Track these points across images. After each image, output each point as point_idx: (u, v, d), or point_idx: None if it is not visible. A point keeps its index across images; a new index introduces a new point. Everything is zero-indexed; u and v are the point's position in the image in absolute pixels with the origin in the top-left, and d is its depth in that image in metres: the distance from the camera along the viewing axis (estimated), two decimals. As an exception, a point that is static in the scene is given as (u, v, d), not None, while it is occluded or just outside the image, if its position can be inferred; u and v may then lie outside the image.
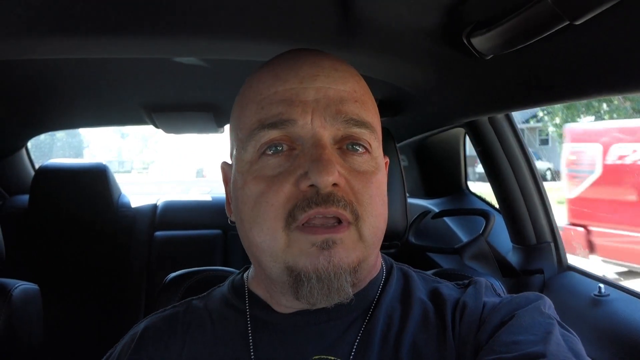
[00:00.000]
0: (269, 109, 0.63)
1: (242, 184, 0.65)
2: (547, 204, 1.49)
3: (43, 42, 1.07)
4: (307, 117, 0.62)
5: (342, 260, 0.60)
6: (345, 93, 0.65)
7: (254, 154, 0.64)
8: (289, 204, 0.61)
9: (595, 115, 6.55)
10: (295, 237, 0.60)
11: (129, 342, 0.73)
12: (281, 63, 0.67)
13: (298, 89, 0.63)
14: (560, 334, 0.59)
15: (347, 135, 0.64)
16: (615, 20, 0.69)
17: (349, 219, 0.61)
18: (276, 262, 0.62)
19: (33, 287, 1.48)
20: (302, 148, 0.62)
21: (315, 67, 0.65)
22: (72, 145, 14.28)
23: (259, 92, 0.66)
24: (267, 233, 0.61)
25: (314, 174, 0.59)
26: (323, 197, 0.59)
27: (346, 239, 0.61)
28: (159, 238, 2.42)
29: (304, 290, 0.60)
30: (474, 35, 0.89)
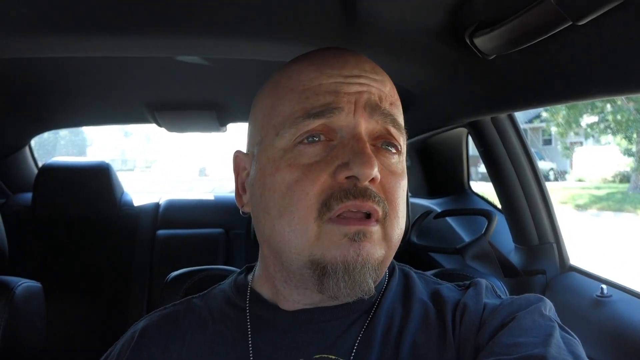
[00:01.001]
0: (315, 99, 0.63)
1: (272, 171, 0.64)
2: (549, 205, 1.49)
3: (47, 41, 1.07)
4: (351, 107, 0.63)
5: (370, 254, 0.60)
6: (384, 94, 0.66)
7: (290, 142, 0.63)
8: (324, 194, 0.60)
9: (599, 116, 6.54)
10: (328, 228, 0.60)
11: (129, 340, 0.73)
12: (324, 59, 0.68)
13: (343, 84, 0.64)
14: (560, 336, 0.59)
15: (383, 133, 0.65)
16: (618, 21, 0.69)
17: (380, 215, 0.61)
18: (300, 254, 0.61)
19: (36, 285, 1.48)
20: (341, 139, 0.63)
21: (358, 68, 0.66)
22: (75, 143, 14.32)
23: (301, 83, 0.65)
24: (299, 222, 0.61)
25: (356, 165, 0.59)
26: (360, 190, 0.60)
27: (375, 234, 0.61)
28: (161, 236, 2.42)
29: (330, 282, 0.60)
30: (477, 35, 0.89)
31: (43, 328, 1.54)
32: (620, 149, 7.22)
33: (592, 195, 7.89)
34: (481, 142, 1.52)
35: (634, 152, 7.04)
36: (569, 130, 7.09)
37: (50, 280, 1.81)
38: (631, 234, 6.01)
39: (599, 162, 8.65)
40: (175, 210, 2.56)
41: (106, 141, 18.45)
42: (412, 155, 2.20)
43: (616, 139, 6.80)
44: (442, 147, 2.12)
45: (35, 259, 2.25)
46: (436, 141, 2.06)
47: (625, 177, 8.02)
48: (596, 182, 8.71)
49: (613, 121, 6.26)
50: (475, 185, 2.20)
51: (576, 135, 7.92)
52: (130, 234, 2.42)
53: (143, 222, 2.48)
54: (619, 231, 6.23)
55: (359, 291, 0.60)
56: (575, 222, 6.57)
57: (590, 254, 4.04)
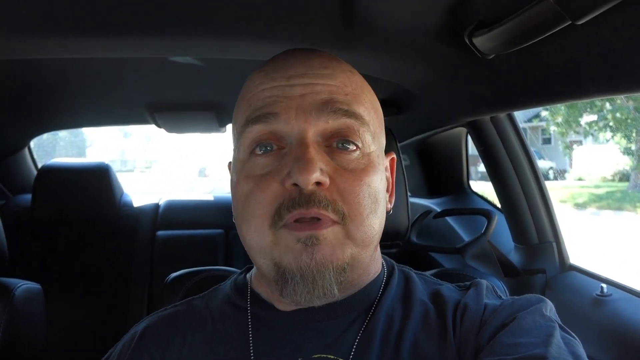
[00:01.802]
0: (254, 105, 0.64)
1: (235, 183, 0.66)
2: (549, 204, 1.49)
3: (46, 42, 1.07)
4: (291, 112, 0.62)
5: (326, 258, 0.60)
6: (334, 87, 0.65)
7: (245, 153, 0.65)
8: (276, 202, 0.61)
9: (598, 115, 6.53)
10: (282, 234, 0.61)
11: (129, 341, 0.73)
12: (273, 63, 0.68)
13: (284, 87, 0.64)
14: (561, 336, 0.59)
15: (336, 129, 0.63)
16: (617, 20, 0.69)
17: (332, 218, 0.60)
18: (265, 258, 0.63)
19: (35, 287, 1.48)
20: (290, 147, 0.63)
21: (304, 66, 0.65)
22: (74, 144, 14.33)
23: (249, 90, 0.67)
24: (255, 230, 0.62)
25: (295, 172, 0.59)
26: (305, 197, 0.59)
27: (330, 235, 0.60)
28: (161, 237, 2.42)
29: (288, 288, 0.60)
30: (476, 35, 0.89)
31: (43, 329, 1.54)
32: (620, 148, 7.22)
33: (591, 194, 7.90)
34: (480, 142, 1.52)
35: (633, 151, 7.04)
36: (569, 129, 7.09)
37: (50, 282, 1.80)
38: (631, 232, 6.02)
39: (599, 161, 8.65)
40: (175, 211, 2.56)
41: (106, 142, 18.45)
42: (411, 155, 2.20)
43: (615, 138, 6.80)
44: (442, 147, 2.12)
45: (35, 260, 2.25)
46: (435, 141, 2.06)
47: (625, 176, 8.03)
48: (595, 181, 8.71)
49: (612, 120, 6.26)
50: (474, 184, 2.20)
51: (576, 134, 7.91)
52: (130, 234, 2.42)
53: (143, 223, 2.47)
54: (619, 230, 6.23)
55: (321, 295, 0.60)
56: (575, 221, 6.57)
57: (590, 252, 4.04)
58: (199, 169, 16.44)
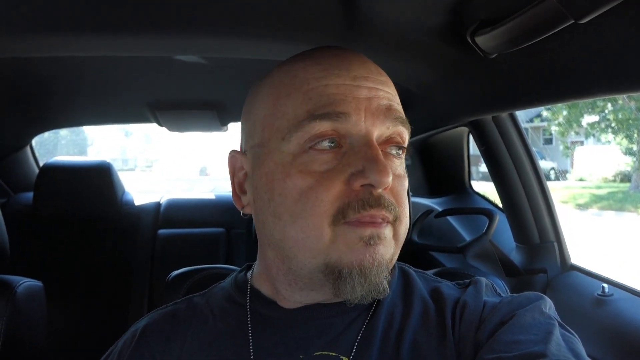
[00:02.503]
0: (319, 100, 0.61)
1: (282, 177, 0.63)
2: (550, 204, 1.49)
3: (47, 40, 1.07)
4: (361, 114, 0.62)
5: (383, 256, 0.61)
6: (391, 95, 0.66)
7: (299, 147, 0.62)
8: (339, 201, 0.60)
9: (600, 115, 6.52)
10: (342, 231, 0.60)
11: (130, 339, 0.73)
12: (329, 58, 0.66)
13: (351, 86, 0.63)
14: (560, 334, 0.59)
15: (392, 135, 0.65)
16: (620, 20, 0.69)
17: (391, 219, 0.62)
18: (315, 258, 0.61)
19: (37, 284, 1.49)
20: (352, 146, 0.62)
21: (365, 69, 0.66)
22: (76, 143, 14.34)
23: (306, 82, 0.63)
24: (313, 228, 0.60)
25: (373, 173, 0.59)
26: (376, 198, 0.60)
27: (387, 234, 0.62)
28: (162, 236, 2.42)
29: (347, 286, 0.60)
30: (479, 34, 0.89)
31: (44, 327, 1.54)
32: (622, 149, 7.21)
33: (593, 195, 7.89)
34: (482, 141, 1.52)
35: (635, 152, 7.03)
36: (570, 129, 7.08)
37: (51, 280, 1.81)
38: (633, 233, 6.01)
39: (600, 161, 8.64)
40: (176, 209, 2.56)
41: (107, 141, 18.47)
42: (413, 155, 2.20)
43: (617, 138, 6.79)
44: (443, 146, 2.11)
45: (37, 258, 2.25)
46: (437, 140, 2.06)
47: (626, 177, 8.01)
48: (597, 181, 8.71)
49: (614, 120, 6.25)
50: (476, 184, 2.20)
51: (577, 135, 7.90)
52: (131, 233, 2.43)
53: (144, 222, 2.48)
54: (620, 231, 6.22)
55: (374, 292, 0.61)
56: (577, 222, 6.57)
57: (592, 253, 4.03)
58: (200, 168, 16.44)
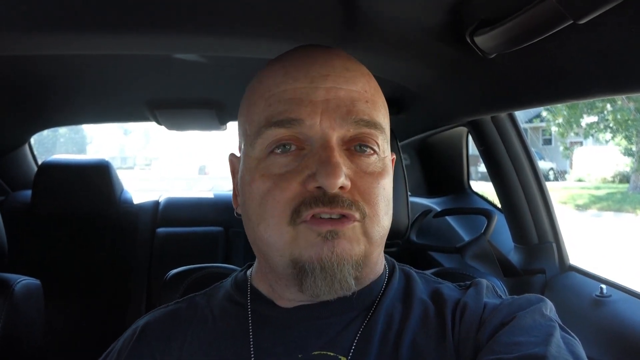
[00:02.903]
0: (276, 107, 0.63)
1: (249, 181, 0.65)
2: (549, 204, 1.49)
3: (46, 38, 1.07)
4: (316, 118, 0.62)
5: (345, 251, 0.61)
6: (356, 93, 0.65)
7: (262, 152, 0.64)
8: (295, 201, 0.61)
9: (599, 116, 6.53)
10: (302, 229, 0.61)
11: (130, 337, 0.73)
12: (292, 60, 0.67)
13: (308, 89, 0.63)
14: (561, 336, 0.59)
15: (356, 135, 0.64)
16: (619, 20, 0.69)
17: (356, 217, 0.62)
18: (282, 255, 0.63)
19: (35, 282, 1.48)
20: (311, 148, 0.63)
21: (326, 67, 0.65)
22: (75, 141, 14.34)
23: (268, 88, 0.65)
24: (274, 228, 0.62)
25: (321, 176, 0.59)
26: (329, 198, 0.60)
27: (349, 232, 0.62)
28: (160, 234, 2.42)
29: (308, 281, 0.61)
30: (478, 34, 0.89)
31: (42, 325, 1.54)
32: (620, 149, 7.22)
33: (591, 195, 7.90)
34: (481, 142, 1.52)
35: (633, 152, 7.04)
36: (569, 130, 7.09)
37: (49, 278, 1.81)
38: (631, 234, 6.02)
39: (599, 162, 8.65)
40: (175, 208, 2.56)
41: (106, 139, 18.46)
42: (412, 154, 2.20)
43: (616, 139, 6.80)
44: (442, 146, 2.12)
45: (35, 256, 2.25)
46: (436, 140, 2.06)
47: (625, 177, 8.03)
48: (596, 182, 8.72)
49: (613, 121, 6.26)
50: (475, 184, 2.20)
51: (576, 135, 7.91)
52: (130, 231, 2.42)
53: (143, 220, 2.48)
54: (619, 231, 6.23)
55: (338, 289, 0.61)
56: (576, 222, 6.58)
57: (590, 254, 4.04)
58: (199, 167, 16.43)
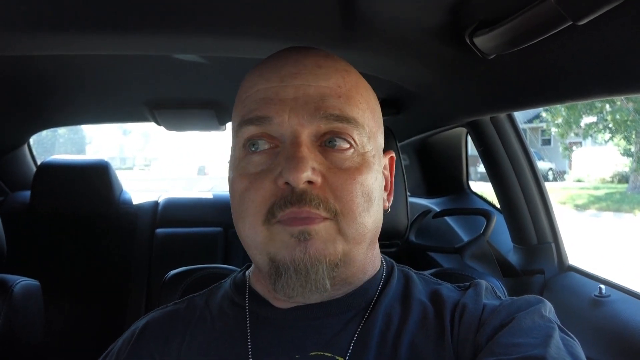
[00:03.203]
0: (249, 107, 0.65)
1: (231, 180, 0.68)
2: (548, 204, 1.49)
3: (46, 39, 1.07)
4: (284, 115, 0.63)
5: (319, 252, 0.61)
6: (327, 89, 0.65)
7: (241, 151, 0.66)
8: (269, 200, 0.62)
9: (598, 116, 6.54)
10: (276, 229, 0.62)
11: (129, 337, 0.73)
12: (267, 62, 0.69)
13: (278, 88, 0.64)
14: (560, 338, 0.59)
15: (328, 130, 0.64)
16: (618, 21, 0.69)
17: (323, 216, 0.61)
18: (261, 254, 0.64)
19: (34, 283, 1.48)
20: (283, 146, 0.63)
21: (297, 66, 0.66)
22: (74, 141, 14.33)
23: (245, 91, 0.68)
24: (250, 227, 0.64)
25: (286, 171, 0.60)
26: (297, 195, 0.60)
27: (322, 231, 0.61)
28: (160, 235, 2.42)
29: (281, 281, 0.61)
30: (477, 35, 0.89)
31: (41, 326, 1.54)
32: (619, 150, 7.23)
33: (590, 196, 7.91)
34: (480, 142, 1.52)
35: (632, 153, 7.04)
36: (569, 130, 7.09)
37: (48, 279, 1.80)
38: (630, 234, 6.02)
39: (598, 162, 8.66)
40: (174, 208, 2.56)
41: (105, 139, 18.45)
42: (411, 155, 2.20)
43: (615, 140, 6.80)
44: (441, 147, 2.12)
45: (34, 257, 2.25)
46: (435, 141, 2.06)
47: (624, 178, 8.03)
48: (595, 182, 8.73)
49: (612, 121, 6.26)
50: (474, 185, 2.20)
51: (576, 136, 7.92)
52: (129, 232, 2.42)
53: (142, 221, 2.47)
54: (619, 231, 6.24)
55: (313, 289, 0.61)
56: (576, 223, 6.58)
57: (590, 254, 4.04)
58: (198, 167, 16.43)
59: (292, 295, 0.62)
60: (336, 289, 0.66)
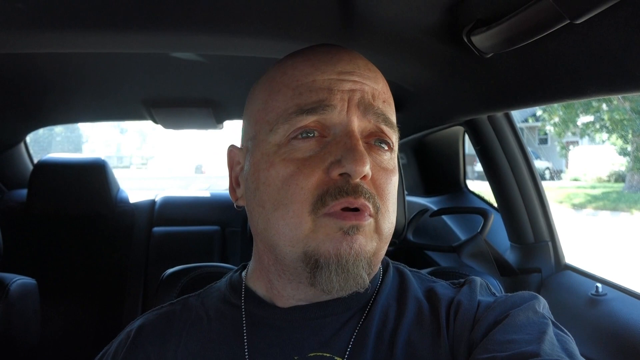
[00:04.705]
0: (308, 96, 0.64)
1: (267, 166, 0.65)
2: (545, 203, 1.49)
3: (43, 37, 1.07)
4: (344, 105, 0.64)
5: (362, 247, 0.61)
6: (377, 92, 0.67)
7: (284, 137, 0.64)
8: (319, 189, 0.61)
9: (595, 116, 6.54)
10: (323, 222, 0.61)
11: (125, 339, 0.73)
12: (318, 55, 0.68)
13: (336, 80, 0.65)
14: (554, 333, 0.59)
15: (375, 130, 0.66)
16: (615, 20, 0.69)
17: (371, 211, 0.62)
18: (294, 247, 0.62)
19: (31, 282, 1.48)
20: (334, 136, 0.64)
21: (351, 64, 0.67)
22: (71, 139, 14.28)
23: (295, 78, 0.66)
24: (293, 216, 0.62)
25: (348, 162, 0.60)
26: (353, 187, 0.61)
27: (368, 227, 0.62)
28: (157, 234, 2.42)
29: (322, 275, 0.60)
30: (475, 34, 0.89)
31: (38, 324, 1.53)
32: (616, 149, 7.23)
33: (587, 195, 7.92)
34: (478, 141, 1.53)
35: (629, 152, 7.05)
36: (565, 129, 7.10)
37: (45, 277, 1.80)
38: (627, 233, 6.04)
39: (595, 161, 8.67)
40: (171, 207, 2.56)
41: (102, 138, 18.41)
42: (408, 153, 2.20)
43: (612, 139, 6.81)
44: (439, 146, 2.12)
45: (30, 255, 2.25)
46: (433, 139, 2.06)
47: (621, 177, 8.04)
48: (591, 181, 8.74)
49: (609, 120, 6.27)
50: (471, 184, 2.20)
51: (573, 135, 7.93)
52: (126, 231, 2.42)
53: (139, 219, 2.47)
54: (616, 230, 6.25)
55: (353, 284, 0.61)
56: (573, 221, 6.59)
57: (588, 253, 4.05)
58: (195, 166, 16.40)
59: (332, 290, 0.61)
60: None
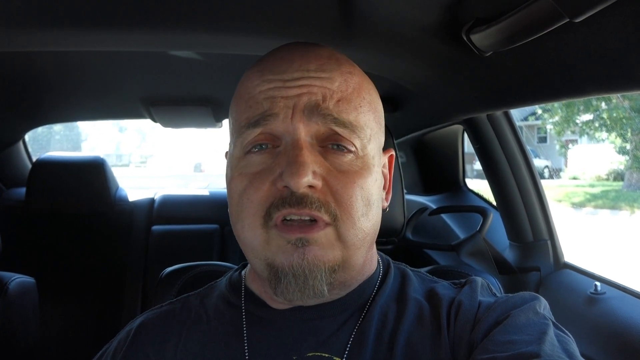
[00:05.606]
0: (255, 108, 0.64)
1: (230, 179, 0.67)
2: (544, 202, 1.49)
3: (42, 35, 1.07)
4: (288, 112, 0.62)
5: (317, 258, 0.61)
6: (330, 91, 0.64)
7: (241, 151, 0.65)
8: (267, 202, 0.62)
9: (594, 114, 6.55)
10: (273, 234, 0.62)
11: (124, 338, 0.73)
12: (268, 64, 0.67)
13: (281, 88, 0.64)
14: (555, 334, 0.59)
15: (329, 134, 0.63)
16: (615, 19, 0.69)
17: (325, 219, 0.61)
18: (258, 257, 0.63)
19: (29, 280, 1.48)
20: (285, 146, 0.63)
21: (301, 69, 0.65)
22: (70, 138, 14.27)
23: (247, 91, 0.66)
24: (248, 229, 0.63)
25: (286, 175, 0.59)
26: (297, 198, 0.60)
27: (321, 238, 0.61)
28: (156, 232, 2.42)
29: (280, 286, 0.61)
30: (474, 32, 0.89)
31: (37, 323, 1.53)
32: (615, 147, 7.24)
33: (586, 193, 7.92)
34: (477, 139, 1.53)
35: (628, 150, 7.06)
36: (565, 128, 7.11)
37: (44, 276, 1.80)
38: (627, 231, 6.05)
39: (594, 160, 8.68)
40: (170, 205, 2.56)
41: (101, 136, 18.40)
42: (408, 152, 2.20)
43: (611, 137, 6.81)
44: (438, 144, 2.12)
45: (29, 253, 2.24)
46: (432, 138, 2.06)
47: (620, 175, 8.05)
48: (590, 180, 8.74)
49: (608, 119, 6.28)
50: (470, 182, 2.20)
51: (572, 133, 7.94)
52: (125, 229, 2.42)
53: (138, 218, 2.47)
54: (615, 229, 6.26)
55: (311, 295, 0.61)
56: (572, 220, 6.60)
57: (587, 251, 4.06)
58: (194, 164, 16.41)
59: (292, 299, 0.62)
60: (334, 292, 0.66)
